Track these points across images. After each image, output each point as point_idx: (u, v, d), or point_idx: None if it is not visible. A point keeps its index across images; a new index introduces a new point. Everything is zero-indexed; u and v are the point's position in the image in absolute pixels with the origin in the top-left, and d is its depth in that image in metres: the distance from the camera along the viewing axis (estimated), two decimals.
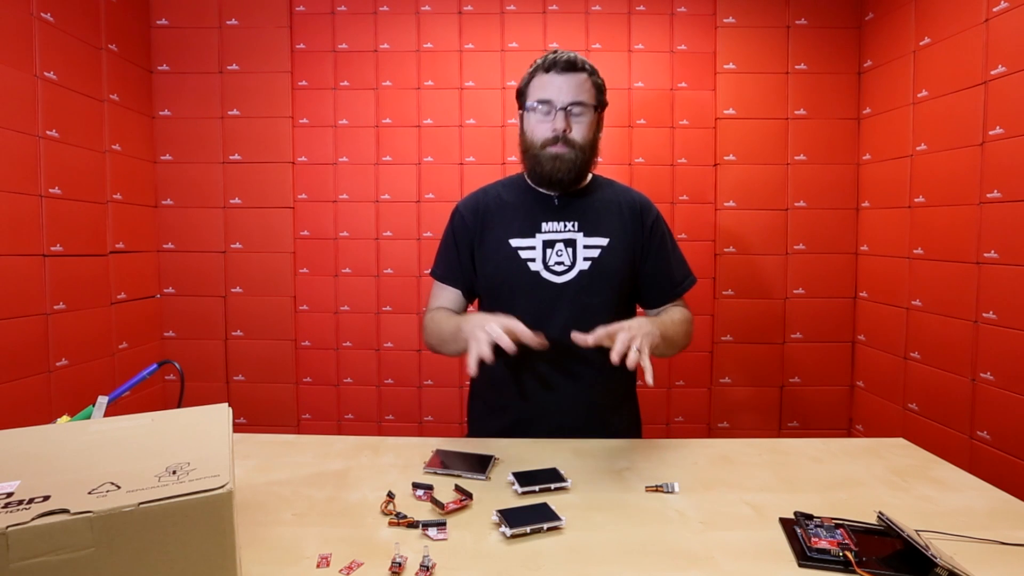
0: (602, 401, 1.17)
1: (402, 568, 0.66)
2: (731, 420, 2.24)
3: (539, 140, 1.12)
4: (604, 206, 1.18)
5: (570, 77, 1.10)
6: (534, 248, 1.14)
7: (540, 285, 1.12)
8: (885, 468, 0.95)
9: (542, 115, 1.11)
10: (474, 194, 1.24)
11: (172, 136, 2.18)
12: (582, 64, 1.11)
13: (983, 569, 0.65)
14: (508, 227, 1.16)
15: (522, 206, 1.18)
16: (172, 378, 2.16)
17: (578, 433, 1.10)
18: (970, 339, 1.61)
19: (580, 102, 1.10)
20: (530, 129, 1.13)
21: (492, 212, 1.19)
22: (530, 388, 1.14)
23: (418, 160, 2.21)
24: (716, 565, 0.68)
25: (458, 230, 1.20)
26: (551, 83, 1.10)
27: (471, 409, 1.29)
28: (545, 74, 1.11)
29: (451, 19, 2.19)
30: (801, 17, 2.15)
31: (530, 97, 1.13)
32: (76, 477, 0.52)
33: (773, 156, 2.17)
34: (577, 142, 1.11)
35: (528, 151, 1.14)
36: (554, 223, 1.15)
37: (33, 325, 1.61)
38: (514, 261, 1.14)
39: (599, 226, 1.15)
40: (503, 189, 1.22)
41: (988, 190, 1.56)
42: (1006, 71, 1.50)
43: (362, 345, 2.24)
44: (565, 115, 1.09)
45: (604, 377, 1.14)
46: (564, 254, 1.13)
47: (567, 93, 1.09)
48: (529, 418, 1.14)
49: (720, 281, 2.20)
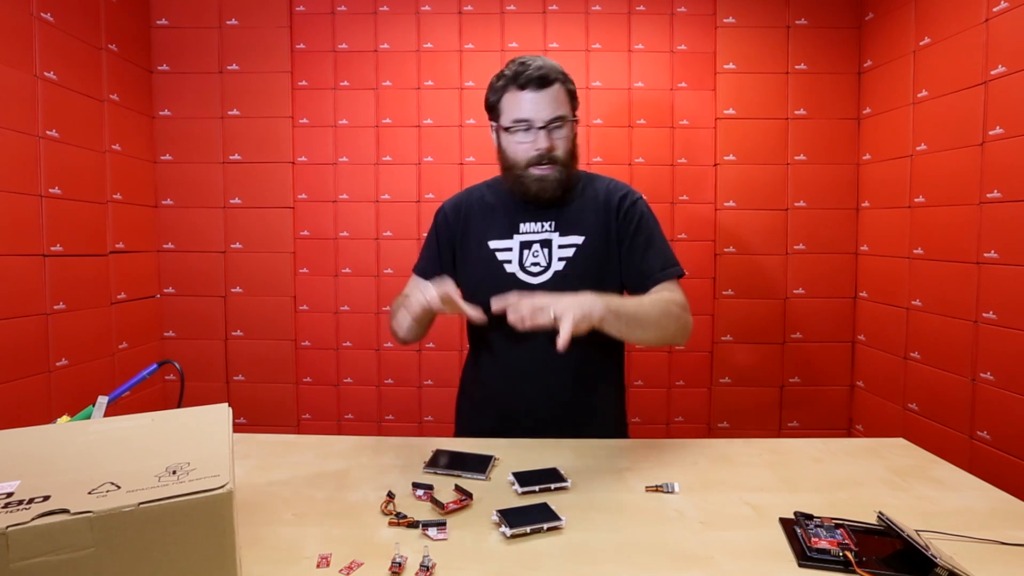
0: (584, 398, 1.17)
1: (402, 568, 0.66)
2: (731, 420, 2.24)
3: (522, 160, 1.09)
4: (583, 203, 1.15)
5: (545, 93, 1.05)
6: (511, 250, 1.14)
7: (516, 287, 1.09)
8: (885, 468, 0.95)
9: (522, 135, 1.08)
10: (459, 194, 1.23)
11: (172, 136, 2.18)
12: (554, 75, 1.07)
13: (983, 569, 0.65)
14: (488, 228, 1.15)
15: (501, 207, 1.17)
16: (172, 378, 2.16)
17: (561, 431, 1.10)
18: (970, 339, 1.61)
19: (560, 117, 1.07)
20: (511, 149, 1.10)
21: (474, 213, 1.19)
22: (514, 387, 1.14)
23: (418, 160, 2.21)
24: (716, 565, 0.68)
25: (441, 230, 1.20)
26: (526, 101, 1.06)
27: (459, 407, 1.29)
28: (520, 91, 1.06)
29: (451, 19, 2.19)
30: (801, 17, 2.15)
31: (504, 115, 1.09)
32: (76, 477, 0.52)
33: (773, 156, 2.17)
34: (560, 159, 1.08)
35: (511, 170, 1.11)
36: (531, 223, 1.14)
37: (33, 325, 1.61)
38: (491, 263, 1.14)
39: (575, 224, 1.13)
40: (487, 190, 1.22)
41: (988, 190, 1.56)
42: (1006, 71, 1.50)
43: (362, 345, 2.24)
44: (547, 134, 1.06)
45: (587, 374, 1.15)
46: (540, 255, 1.13)
47: (545, 109, 1.05)
48: (515, 413, 1.14)
49: (720, 281, 2.20)
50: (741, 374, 2.22)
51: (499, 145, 1.14)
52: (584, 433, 1.11)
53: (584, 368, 1.15)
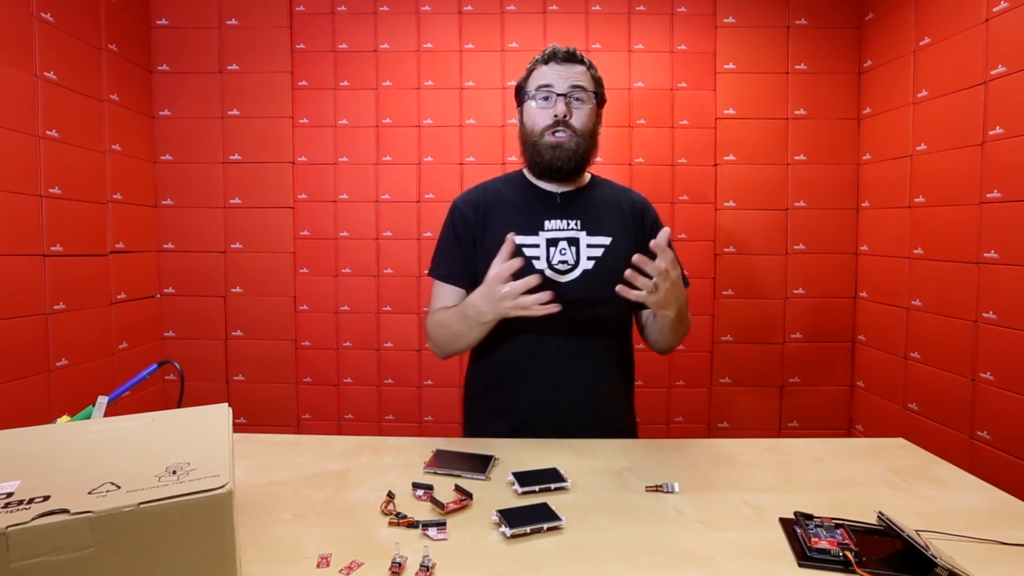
0: (606, 399, 1.16)
1: (402, 568, 0.66)
2: (731, 420, 2.24)
3: (539, 127, 1.12)
4: (605, 205, 1.17)
5: (570, 67, 1.11)
6: (538, 246, 1.12)
7: (545, 284, 1.08)
8: (885, 468, 0.95)
9: (542, 102, 1.12)
10: (472, 190, 1.22)
11: (172, 136, 2.18)
12: (580, 57, 1.13)
13: (983, 569, 0.65)
14: (510, 223, 1.12)
15: (524, 203, 1.16)
16: (172, 378, 2.16)
17: (582, 432, 1.09)
18: (970, 339, 1.61)
19: (580, 86, 1.11)
20: (530, 119, 1.14)
21: (493, 208, 1.16)
22: (535, 388, 1.12)
23: (418, 160, 2.21)
24: (716, 565, 0.68)
25: (459, 226, 1.17)
26: (551, 72, 1.11)
27: (468, 412, 1.26)
28: (544, 65, 1.13)
29: (451, 19, 2.19)
30: (801, 17, 2.15)
31: (530, 87, 1.14)
32: (76, 477, 0.52)
33: (773, 156, 2.17)
34: (577, 128, 1.11)
35: (528, 140, 1.14)
36: (557, 220, 1.13)
37: (33, 325, 1.61)
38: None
39: (602, 225, 1.14)
40: (502, 186, 1.21)
41: (988, 190, 1.56)
42: (1006, 71, 1.50)
43: (362, 345, 2.24)
44: (566, 101, 1.10)
45: (609, 375, 1.15)
46: (568, 252, 1.12)
47: (567, 80, 1.10)
48: (534, 419, 1.12)
49: (720, 281, 2.20)
50: (741, 374, 2.21)
51: (521, 122, 1.17)
52: (599, 434, 1.10)
53: (605, 371, 1.15)
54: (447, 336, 1.11)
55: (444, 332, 1.11)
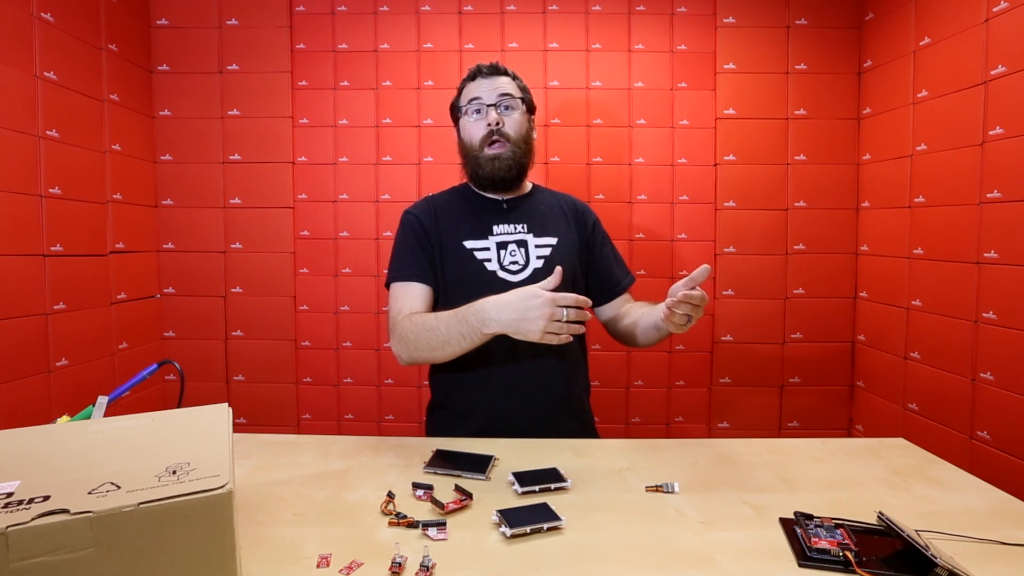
0: (569, 395, 1.20)
1: (402, 568, 0.66)
2: (731, 420, 2.24)
3: (476, 140, 1.19)
4: (548, 209, 1.25)
5: (495, 79, 1.22)
6: (488, 249, 1.17)
7: (498, 284, 1.14)
8: (885, 468, 0.96)
9: (475, 115, 1.20)
10: (420, 201, 1.29)
11: (172, 136, 2.18)
12: (504, 69, 1.24)
13: (983, 569, 0.65)
14: (460, 230, 1.19)
15: (472, 211, 1.23)
16: (172, 378, 2.16)
17: (545, 431, 1.10)
18: (970, 339, 1.61)
19: (508, 94, 1.20)
20: (467, 133, 1.22)
21: (443, 216, 1.22)
22: (498, 390, 1.14)
23: (418, 160, 2.21)
24: (716, 565, 0.68)
25: (416, 230, 1.21)
26: (478, 86, 1.21)
27: (431, 421, 1.27)
28: (472, 82, 1.24)
29: (451, 19, 2.19)
30: (801, 17, 2.15)
31: (462, 103, 1.24)
32: (76, 477, 0.52)
33: (773, 156, 2.17)
34: (511, 136, 1.18)
35: (468, 155, 1.22)
36: (504, 225, 1.20)
37: (33, 325, 1.61)
38: (471, 262, 1.16)
39: (547, 227, 1.21)
40: (449, 196, 1.28)
41: (988, 190, 1.56)
42: (1006, 71, 1.50)
43: (362, 345, 2.24)
44: (496, 110, 1.18)
45: (570, 370, 1.19)
46: (517, 254, 1.17)
47: (495, 90, 1.20)
48: (497, 421, 1.13)
49: (720, 281, 2.20)
50: (741, 374, 2.21)
51: (459, 138, 1.25)
52: (563, 433, 1.12)
53: (567, 367, 1.18)
54: (431, 340, 1.05)
55: (428, 336, 1.06)
